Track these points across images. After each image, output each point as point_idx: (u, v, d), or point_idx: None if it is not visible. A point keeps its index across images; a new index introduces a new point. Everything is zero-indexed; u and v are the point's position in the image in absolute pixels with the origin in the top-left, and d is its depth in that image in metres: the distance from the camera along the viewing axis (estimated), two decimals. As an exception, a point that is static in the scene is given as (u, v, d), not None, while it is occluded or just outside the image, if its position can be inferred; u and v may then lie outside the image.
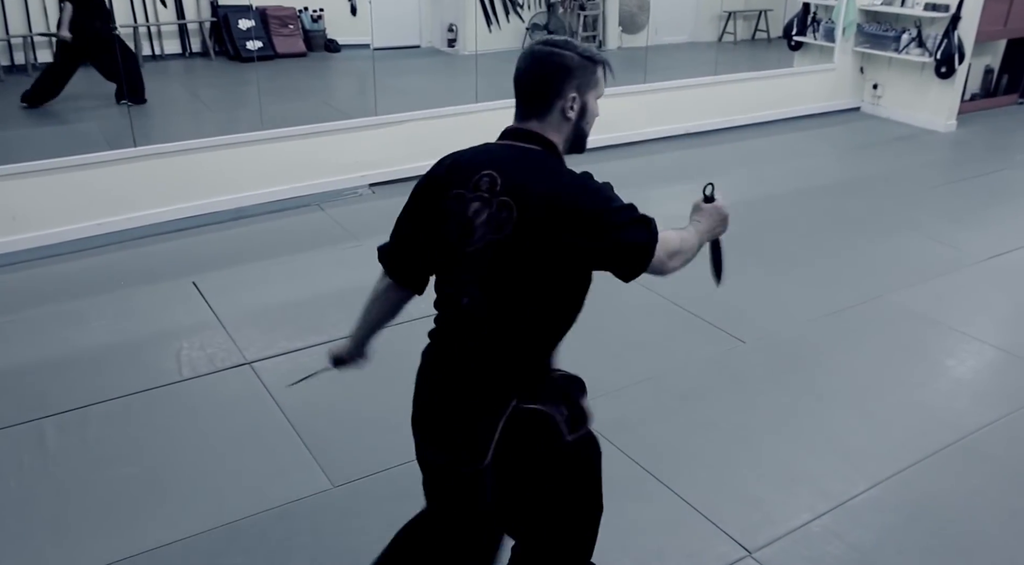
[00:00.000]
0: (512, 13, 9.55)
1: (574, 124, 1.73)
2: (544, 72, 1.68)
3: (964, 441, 3.03)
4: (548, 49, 1.70)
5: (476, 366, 1.72)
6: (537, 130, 1.70)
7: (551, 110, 1.69)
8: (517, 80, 1.72)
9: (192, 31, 8.54)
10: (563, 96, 1.68)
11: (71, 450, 2.91)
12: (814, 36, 7.93)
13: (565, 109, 1.69)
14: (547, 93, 1.68)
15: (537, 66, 1.69)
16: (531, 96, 1.71)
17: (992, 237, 4.92)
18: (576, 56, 1.69)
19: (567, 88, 1.68)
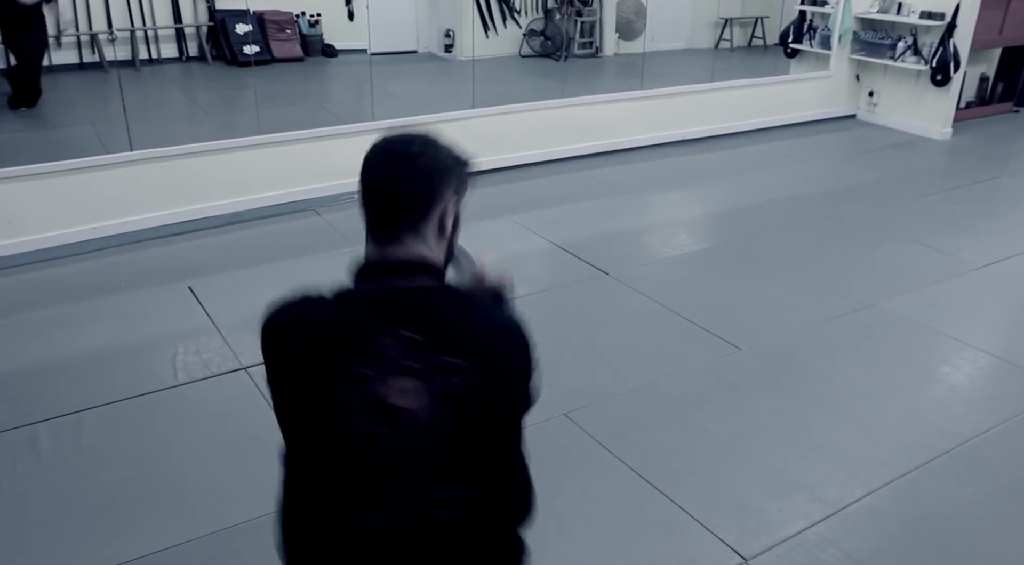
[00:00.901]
0: (509, 19, 9.56)
1: (448, 240, 1.35)
2: (419, 177, 1.28)
3: (960, 449, 3.04)
4: (417, 150, 1.31)
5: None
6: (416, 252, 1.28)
7: (427, 221, 1.29)
8: (379, 189, 1.28)
9: (189, 35, 8.52)
10: (439, 206, 1.30)
11: (66, 455, 2.90)
12: (810, 43, 7.96)
13: (443, 224, 1.31)
14: (423, 208, 1.28)
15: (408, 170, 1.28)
16: (400, 215, 1.27)
17: (987, 244, 4.94)
18: (449, 156, 1.33)
19: (443, 196, 1.30)
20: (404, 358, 1.21)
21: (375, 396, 1.21)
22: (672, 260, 4.60)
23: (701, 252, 4.76)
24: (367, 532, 1.28)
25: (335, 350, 1.24)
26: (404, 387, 1.20)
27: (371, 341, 1.22)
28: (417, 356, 1.20)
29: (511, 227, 5.01)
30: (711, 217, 5.42)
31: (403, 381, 1.21)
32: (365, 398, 1.21)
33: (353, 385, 1.22)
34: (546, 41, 9.59)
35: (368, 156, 1.31)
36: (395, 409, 1.21)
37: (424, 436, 1.22)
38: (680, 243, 4.87)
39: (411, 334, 1.21)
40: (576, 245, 4.72)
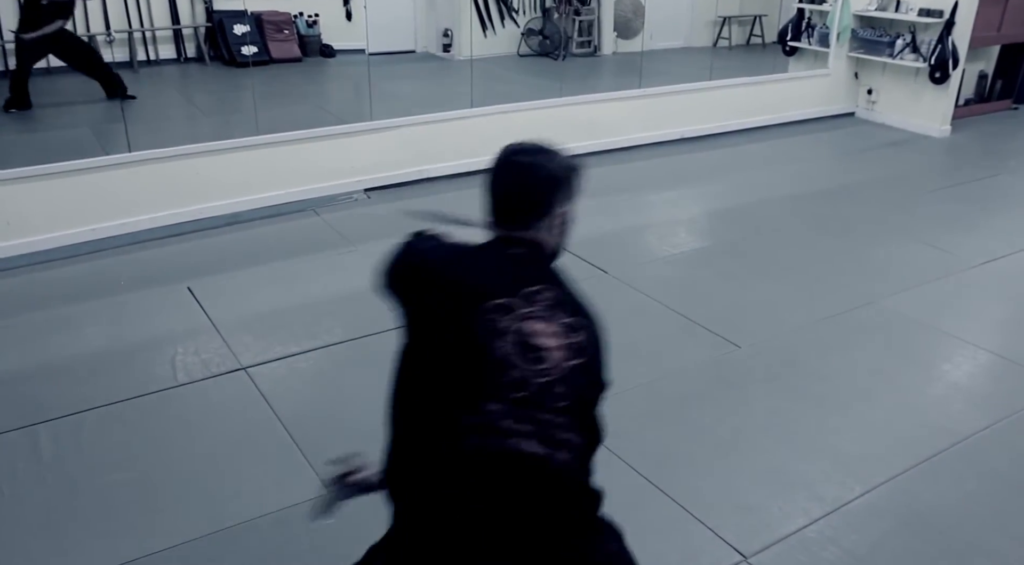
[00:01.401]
0: (507, 18, 9.56)
1: (560, 238, 1.57)
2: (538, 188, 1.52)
3: (959, 446, 3.04)
4: (537, 161, 1.53)
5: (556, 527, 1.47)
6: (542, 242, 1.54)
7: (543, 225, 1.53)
8: (502, 197, 1.53)
9: (187, 36, 8.52)
10: (555, 211, 1.53)
11: (65, 456, 2.90)
12: (809, 41, 7.96)
13: (557, 223, 1.55)
14: (542, 210, 1.52)
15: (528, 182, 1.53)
16: (524, 213, 1.52)
17: (986, 242, 4.94)
18: (562, 168, 1.54)
19: (560, 202, 1.54)
20: (549, 308, 1.43)
21: (522, 330, 1.41)
22: (671, 259, 4.60)
23: (700, 251, 4.76)
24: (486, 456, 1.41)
25: (495, 288, 1.44)
26: (547, 331, 1.41)
27: (524, 287, 1.44)
28: (557, 309, 1.44)
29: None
30: (710, 216, 5.42)
31: (547, 326, 1.42)
32: (514, 328, 1.40)
33: (506, 315, 1.41)
34: (544, 40, 9.59)
35: (495, 164, 1.56)
36: (535, 346, 1.40)
37: (555, 379, 1.40)
38: (679, 242, 4.87)
39: (553, 291, 1.46)
40: (575, 244, 4.68)
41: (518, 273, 1.48)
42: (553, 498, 1.45)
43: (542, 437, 1.40)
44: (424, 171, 5.72)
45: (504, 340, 1.40)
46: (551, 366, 1.40)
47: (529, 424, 1.39)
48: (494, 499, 1.43)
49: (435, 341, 1.48)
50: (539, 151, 1.55)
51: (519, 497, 1.42)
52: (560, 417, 1.41)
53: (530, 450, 1.39)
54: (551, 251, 1.56)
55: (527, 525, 1.44)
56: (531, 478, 1.42)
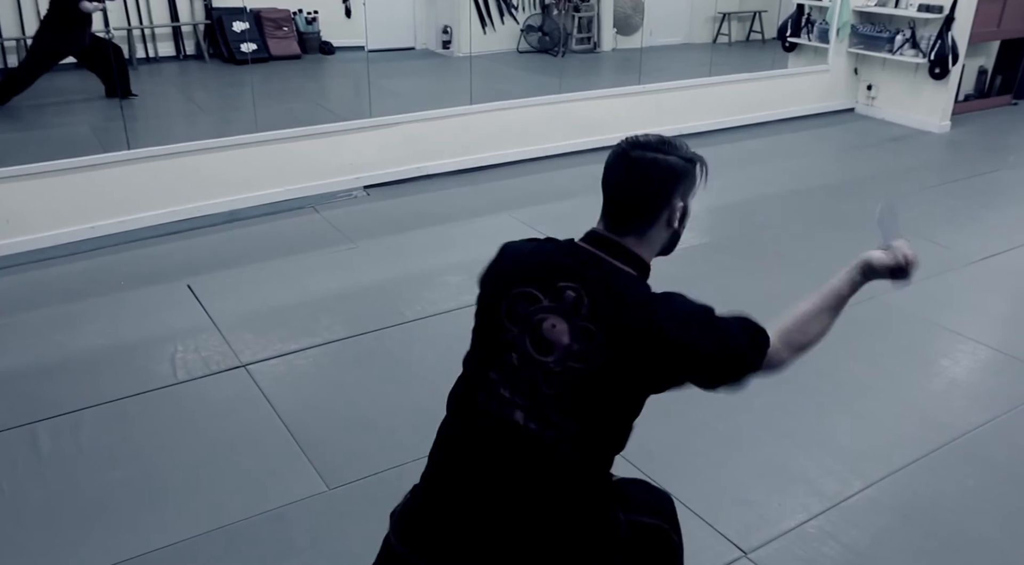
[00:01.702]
0: (507, 15, 9.55)
1: (675, 231, 1.60)
2: (650, 182, 1.52)
3: (959, 441, 3.04)
4: (651, 156, 1.52)
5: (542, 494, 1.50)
6: (634, 249, 1.55)
7: (656, 222, 1.55)
8: (614, 191, 1.55)
9: (186, 33, 8.51)
10: (670, 206, 1.54)
11: (65, 454, 2.91)
12: (808, 37, 7.95)
13: (671, 219, 1.56)
14: (654, 205, 1.53)
15: (641, 176, 1.52)
16: (633, 209, 1.53)
17: (985, 238, 4.94)
18: (679, 160, 1.54)
19: (674, 198, 1.54)
20: (569, 307, 1.47)
21: (538, 320, 1.48)
22: (671, 255, 4.58)
23: (699, 247, 4.76)
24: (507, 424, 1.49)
25: (532, 277, 1.52)
26: (558, 325, 1.46)
27: (558, 282, 1.49)
28: (575, 310, 1.46)
29: (510, 223, 5.01)
30: (709, 212, 5.41)
31: (560, 321, 1.47)
32: (532, 318, 1.49)
33: (523, 301, 1.50)
34: (544, 37, 9.58)
35: (610, 157, 1.57)
36: (544, 337, 1.47)
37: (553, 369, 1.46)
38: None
39: (582, 293, 1.47)
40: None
41: (566, 268, 1.51)
42: (546, 479, 1.49)
43: (532, 412, 1.48)
44: (424, 168, 5.72)
45: (520, 325, 1.50)
46: (552, 361, 1.47)
47: (522, 398, 1.48)
48: (492, 466, 1.50)
49: (481, 315, 1.61)
50: (656, 146, 1.55)
51: (513, 467, 1.49)
52: (552, 404, 1.47)
53: (521, 421, 1.48)
54: (643, 257, 1.57)
55: (521, 501, 1.49)
56: (522, 450, 1.48)
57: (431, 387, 3.29)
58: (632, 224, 1.54)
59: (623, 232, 1.55)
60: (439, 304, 3.98)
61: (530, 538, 1.49)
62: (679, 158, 1.54)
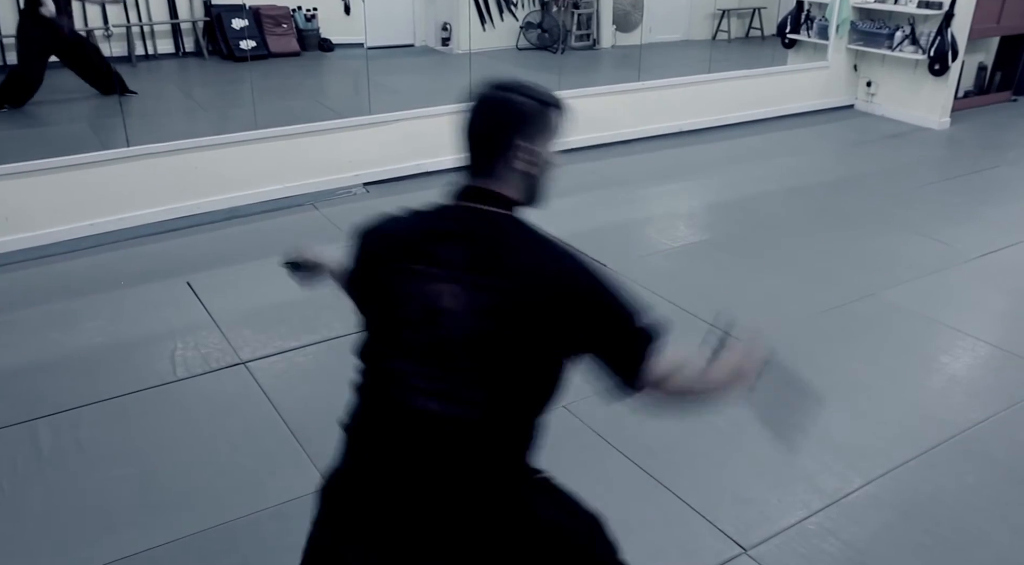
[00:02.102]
0: (506, 12, 9.54)
1: (532, 178, 1.53)
2: (498, 121, 1.48)
3: (958, 438, 3.04)
4: (502, 94, 1.49)
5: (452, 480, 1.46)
6: (497, 189, 1.49)
7: (508, 164, 1.49)
8: (467, 130, 1.52)
9: (185, 30, 8.50)
10: (520, 147, 1.48)
11: (65, 451, 2.91)
12: (808, 34, 7.94)
13: (523, 162, 1.49)
14: (502, 144, 1.48)
15: (490, 114, 1.49)
16: (485, 148, 1.50)
17: (985, 234, 4.94)
18: (532, 101, 1.49)
19: (524, 138, 1.48)
20: (455, 267, 1.42)
21: (426, 293, 1.43)
22: (670, 252, 4.59)
23: (699, 244, 4.76)
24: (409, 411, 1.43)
25: (403, 250, 1.47)
26: (449, 291, 1.41)
27: (434, 247, 1.44)
28: (465, 267, 1.42)
29: (509, 220, 5.01)
30: (709, 209, 5.41)
31: (450, 286, 1.41)
32: (419, 292, 1.43)
33: (412, 279, 1.44)
34: (543, 34, 9.57)
35: (470, 101, 1.53)
36: (440, 308, 1.41)
37: (460, 339, 1.41)
38: (678, 235, 4.87)
39: (466, 248, 1.43)
40: (573, 237, 4.68)
41: (441, 231, 1.47)
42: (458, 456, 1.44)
43: (443, 394, 1.42)
44: (423, 165, 5.71)
45: (408, 303, 1.45)
46: (452, 327, 1.41)
47: (437, 381, 1.43)
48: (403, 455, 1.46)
49: (362, 304, 1.58)
50: (513, 87, 1.50)
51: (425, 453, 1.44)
52: (461, 376, 1.42)
53: (430, 408, 1.42)
54: (513, 198, 1.51)
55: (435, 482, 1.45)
56: (441, 435, 1.43)
57: (431, 384, 3.31)
58: (486, 165, 1.50)
59: (482, 174, 1.51)
60: (439, 301, 3.97)
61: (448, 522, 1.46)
62: (532, 100, 1.49)
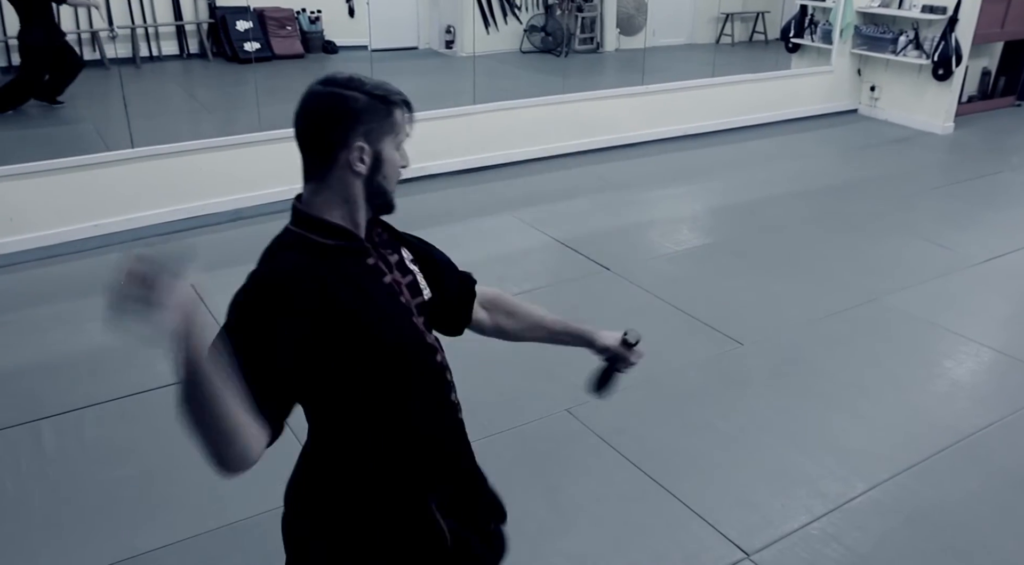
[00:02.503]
0: (510, 15, 9.55)
1: (366, 179, 1.36)
2: (323, 117, 1.33)
3: (962, 443, 3.04)
4: (328, 89, 1.34)
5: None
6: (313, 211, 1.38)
7: (333, 165, 1.34)
8: (295, 129, 1.36)
9: (190, 32, 8.52)
10: (348, 146, 1.32)
11: (68, 452, 2.91)
12: (811, 38, 7.94)
13: (352, 162, 1.33)
14: (328, 143, 1.33)
15: (315, 110, 1.33)
16: (311, 148, 1.35)
17: (989, 239, 4.93)
18: (362, 96, 1.34)
19: (352, 136, 1.32)
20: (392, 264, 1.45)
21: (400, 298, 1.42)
22: (674, 256, 4.59)
23: (703, 248, 4.76)
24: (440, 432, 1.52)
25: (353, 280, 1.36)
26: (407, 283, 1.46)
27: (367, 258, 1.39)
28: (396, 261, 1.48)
29: (512, 223, 5.01)
30: (712, 212, 5.41)
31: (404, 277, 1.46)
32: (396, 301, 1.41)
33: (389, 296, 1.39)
34: (547, 37, 9.58)
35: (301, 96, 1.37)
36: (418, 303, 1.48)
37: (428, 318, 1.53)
38: (682, 239, 4.87)
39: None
40: (577, 241, 4.72)
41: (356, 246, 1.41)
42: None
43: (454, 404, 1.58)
44: (426, 168, 5.72)
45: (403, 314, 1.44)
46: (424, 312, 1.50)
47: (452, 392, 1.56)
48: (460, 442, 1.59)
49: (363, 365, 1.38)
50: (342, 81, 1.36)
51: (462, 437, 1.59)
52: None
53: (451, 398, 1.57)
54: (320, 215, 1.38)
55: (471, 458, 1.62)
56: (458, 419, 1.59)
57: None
58: (312, 166, 1.36)
59: (306, 179, 1.38)
60: (442, 304, 3.97)
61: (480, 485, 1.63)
62: (363, 94, 1.34)
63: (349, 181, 1.35)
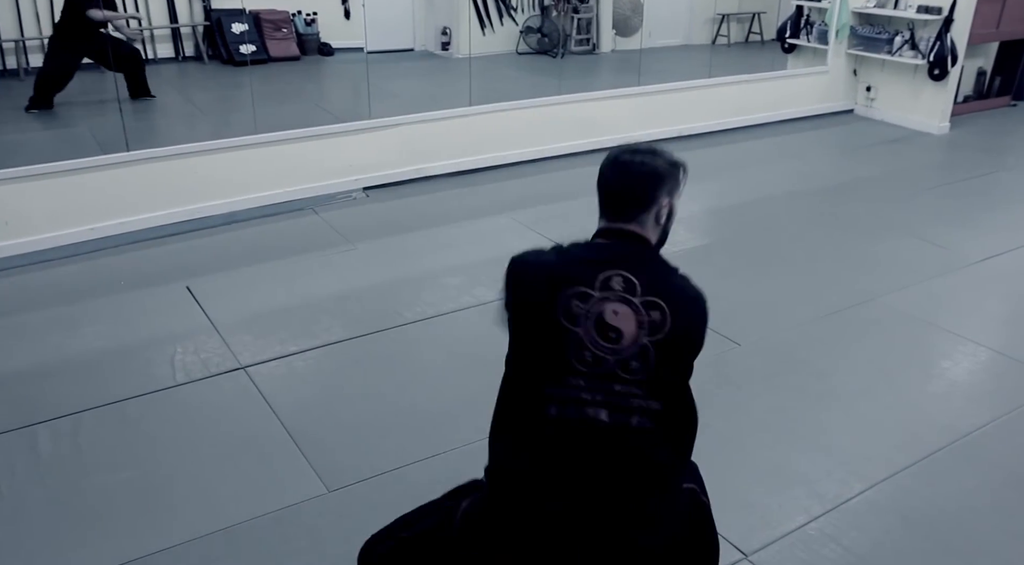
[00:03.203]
0: (506, 16, 9.55)
1: (663, 227, 1.80)
2: (641, 183, 1.74)
3: (959, 443, 3.04)
4: (639, 159, 1.76)
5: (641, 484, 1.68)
6: (639, 232, 1.75)
7: (648, 218, 1.75)
8: (610, 190, 1.77)
9: (185, 35, 8.51)
10: (658, 203, 1.74)
11: (64, 456, 2.90)
12: (807, 39, 7.95)
13: (660, 215, 1.76)
14: (645, 202, 1.74)
15: (633, 178, 1.75)
16: (628, 206, 1.75)
17: (985, 239, 4.94)
18: (665, 164, 1.76)
19: (661, 195, 1.74)
20: (623, 291, 1.63)
21: (598, 312, 1.62)
22: (670, 256, 4.58)
23: (699, 248, 4.76)
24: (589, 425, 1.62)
25: (574, 277, 1.65)
26: (619, 310, 1.62)
27: (601, 274, 1.65)
28: (632, 292, 1.64)
29: (509, 224, 5.01)
30: (709, 213, 5.41)
31: (620, 306, 1.63)
32: (592, 311, 1.62)
33: (584, 301, 1.63)
34: (543, 38, 9.58)
35: (605, 162, 1.79)
36: (610, 325, 1.61)
37: (629, 353, 1.62)
38: (678, 239, 4.86)
39: (629, 275, 1.65)
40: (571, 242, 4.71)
41: (602, 261, 1.68)
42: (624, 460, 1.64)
43: (614, 406, 1.62)
44: (423, 169, 5.71)
45: (582, 323, 1.62)
46: (626, 344, 1.62)
47: (603, 395, 1.62)
48: (572, 462, 1.63)
49: (529, 329, 1.69)
50: (641, 152, 1.77)
51: (593, 460, 1.63)
52: (635, 388, 1.62)
53: (601, 418, 1.61)
54: (651, 240, 1.77)
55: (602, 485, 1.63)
56: (603, 442, 1.62)
57: (430, 389, 3.30)
58: (627, 216, 1.74)
59: (625, 220, 1.74)
60: (438, 306, 3.97)
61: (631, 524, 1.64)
62: (665, 162, 1.76)
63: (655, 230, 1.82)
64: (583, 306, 1.63)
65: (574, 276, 1.66)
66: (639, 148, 1.79)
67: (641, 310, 1.63)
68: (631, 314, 1.63)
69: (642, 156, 1.76)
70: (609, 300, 1.63)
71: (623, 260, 1.69)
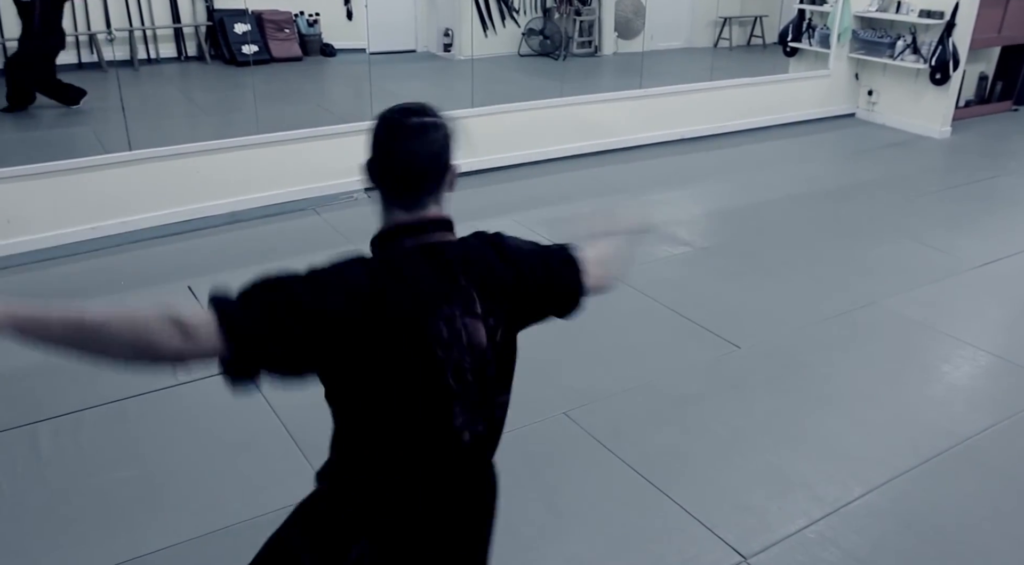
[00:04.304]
0: (508, 18, 9.56)
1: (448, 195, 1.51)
2: (437, 146, 1.45)
3: (959, 447, 3.04)
4: (428, 120, 1.44)
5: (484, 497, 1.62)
6: (442, 215, 1.47)
7: (443, 186, 1.47)
8: (404, 168, 1.41)
9: (188, 35, 8.52)
10: (451, 169, 1.49)
11: (66, 455, 2.90)
12: (809, 42, 7.96)
13: (452, 181, 1.50)
14: (441, 172, 1.46)
15: (430, 141, 1.43)
16: (427, 177, 1.43)
17: (986, 243, 4.94)
18: (442, 118, 1.48)
19: (452, 156, 1.49)
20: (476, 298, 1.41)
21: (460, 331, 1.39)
22: (671, 259, 4.59)
23: (700, 251, 4.76)
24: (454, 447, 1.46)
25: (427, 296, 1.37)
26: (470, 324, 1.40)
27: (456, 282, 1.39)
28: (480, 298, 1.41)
29: (510, 226, 5.00)
30: (710, 216, 5.41)
31: (476, 322, 1.40)
32: (454, 333, 1.38)
33: (449, 324, 1.38)
34: (545, 40, 9.59)
35: (382, 131, 1.43)
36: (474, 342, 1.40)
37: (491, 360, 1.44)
38: (679, 242, 4.86)
39: (466, 282, 1.40)
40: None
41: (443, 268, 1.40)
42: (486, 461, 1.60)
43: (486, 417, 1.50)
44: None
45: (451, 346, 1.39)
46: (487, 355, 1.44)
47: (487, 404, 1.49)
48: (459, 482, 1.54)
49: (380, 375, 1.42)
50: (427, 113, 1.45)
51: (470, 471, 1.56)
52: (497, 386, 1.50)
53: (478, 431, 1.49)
54: (451, 219, 1.49)
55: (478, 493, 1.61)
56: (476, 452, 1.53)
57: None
58: (427, 193, 1.44)
59: (424, 203, 1.44)
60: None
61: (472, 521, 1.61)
62: (438, 115, 1.48)
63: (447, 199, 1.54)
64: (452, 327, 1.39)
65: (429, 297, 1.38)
66: (409, 107, 1.45)
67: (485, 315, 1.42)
68: (479, 323, 1.41)
69: (419, 117, 1.43)
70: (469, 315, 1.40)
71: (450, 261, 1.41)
